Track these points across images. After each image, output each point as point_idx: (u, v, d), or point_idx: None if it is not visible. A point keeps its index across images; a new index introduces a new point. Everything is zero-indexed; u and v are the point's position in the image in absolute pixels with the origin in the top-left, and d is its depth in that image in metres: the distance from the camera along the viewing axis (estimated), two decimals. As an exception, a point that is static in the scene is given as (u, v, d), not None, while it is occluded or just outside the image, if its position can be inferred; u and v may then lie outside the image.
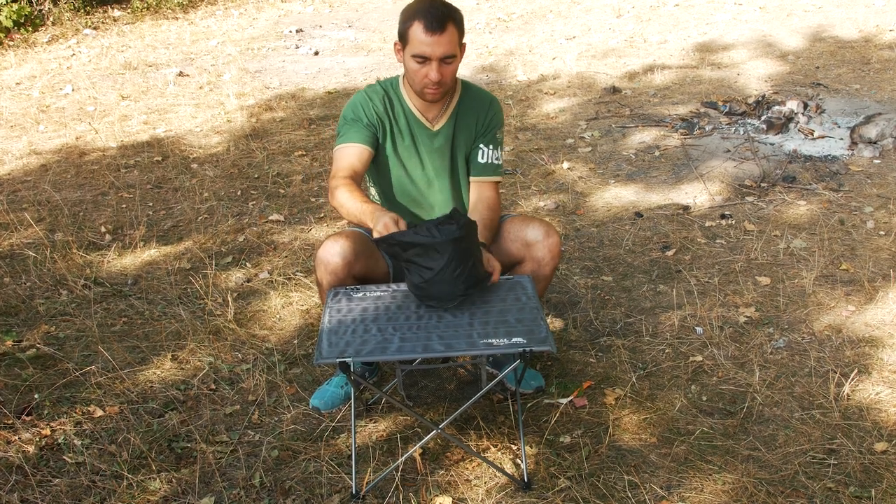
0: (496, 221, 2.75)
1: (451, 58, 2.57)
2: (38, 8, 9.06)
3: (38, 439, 2.70)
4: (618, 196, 4.51)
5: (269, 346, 3.22)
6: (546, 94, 6.27)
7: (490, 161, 2.80)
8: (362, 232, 2.74)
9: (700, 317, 3.30)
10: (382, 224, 2.35)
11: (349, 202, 2.52)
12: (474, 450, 2.58)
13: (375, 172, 2.83)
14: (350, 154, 2.67)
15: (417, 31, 2.52)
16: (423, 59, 2.55)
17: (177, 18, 9.62)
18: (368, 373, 2.98)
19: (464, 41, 2.63)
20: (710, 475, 2.47)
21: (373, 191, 2.90)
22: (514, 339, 2.26)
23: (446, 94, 2.68)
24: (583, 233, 4.10)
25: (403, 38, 2.58)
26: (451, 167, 2.80)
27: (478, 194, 2.78)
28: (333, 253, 2.59)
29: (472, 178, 2.81)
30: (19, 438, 2.70)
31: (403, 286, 2.59)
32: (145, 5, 9.88)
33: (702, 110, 5.70)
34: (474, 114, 2.78)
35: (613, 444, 2.62)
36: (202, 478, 2.52)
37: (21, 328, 3.41)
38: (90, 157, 5.38)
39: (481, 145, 2.79)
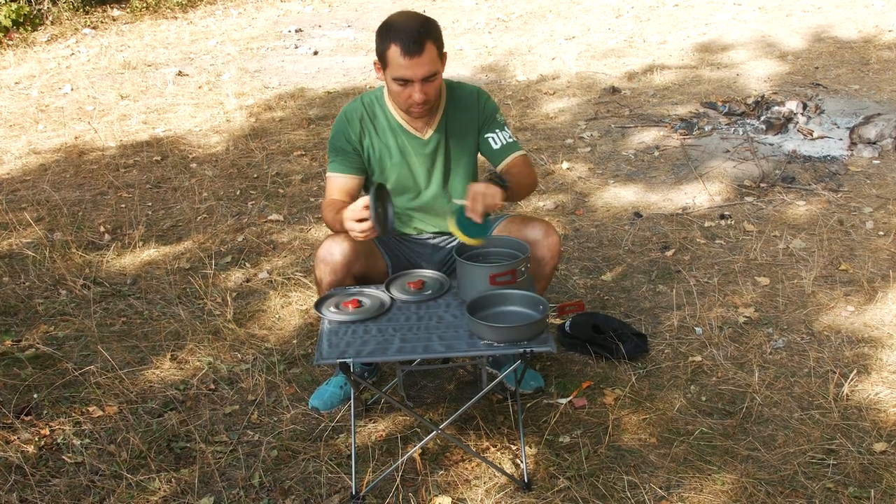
0: (527, 176, 2.74)
1: (434, 76, 2.53)
2: (37, 7, 9.06)
3: (37, 439, 2.70)
4: (617, 196, 4.51)
5: (269, 345, 3.22)
6: (545, 94, 6.27)
7: (504, 142, 2.75)
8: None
9: (699, 317, 3.30)
10: (351, 211, 2.41)
11: (330, 218, 2.63)
12: (474, 450, 2.58)
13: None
14: (338, 184, 2.73)
15: (395, 54, 2.48)
16: (405, 82, 2.52)
17: (176, 18, 9.61)
18: (368, 373, 2.98)
19: (444, 51, 2.59)
20: (710, 475, 2.47)
21: None
22: (514, 340, 2.26)
23: (432, 107, 2.65)
24: (582, 233, 4.10)
25: (382, 59, 2.55)
26: (444, 170, 2.78)
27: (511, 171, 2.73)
28: (334, 252, 2.60)
29: (499, 168, 2.74)
30: (18, 438, 2.70)
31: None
32: (144, 5, 9.87)
33: (701, 110, 5.70)
34: (465, 113, 2.75)
35: (613, 444, 2.62)
36: (201, 478, 2.52)
37: (20, 328, 3.41)
38: (89, 156, 5.38)
39: (488, 135, 2.75)
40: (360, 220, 2.38)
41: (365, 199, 2.37)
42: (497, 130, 2.76)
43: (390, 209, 2.47)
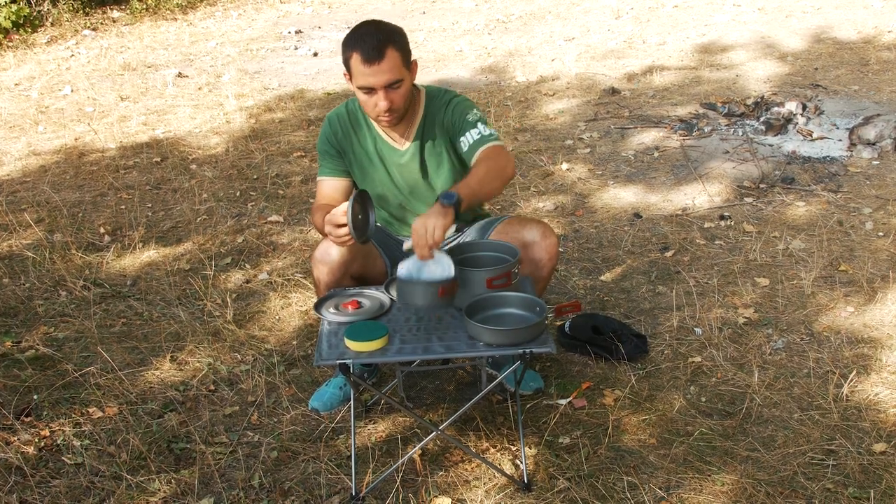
0: (492, 170, 2.52)
1: (398, 83, 2.50)
2: (38, 9, 9.06)
3: (37, 440, 2.70)
4: (617, 197, 4.51)
5: (269, 347, 3.22)
6: (545, 95, 6.28)
7: (472, 140, 2.60)
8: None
9: (699, 318, 3.30)
10: (331, 216, 2.41)
11: (318, 221, 2.60)
12: (474, 451, 2.58)
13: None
14: (326, 187, 2.78)
15: (356, 63, 2.47)
16: (369, 90, 2.51)
17: (176, 19, 9.62)
18: (368, 374, 2.98)
19: (412, 59, 2.57)
20: (709, 476, 2.47)
21: None
22: (514, 341, 2.26)
23: (403, 116, 2.63)
24: (582, 234, 4.10)
25: (347, 69, 2.54)
26: (425, 179, 2.77)
27: None
28: (331, 252, 2.60)
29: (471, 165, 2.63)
30: (18, 439, 2.70)
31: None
32: (144, 6, 9.88)
33: (701, 111, 5.70)
34: (437, 122, 2.71)
35: (613, 444, 2.62)
36: (201, 479, 2.52)
37: (20, 329, 3.41)
38: (89, 157, 5.38)
39: (461, 139, 2.63)
40: (340, 226, 2.39)
41: (345, 205, 2.37)
42: (469, 130, 2.62)
43: (372, 216, 2.48)
